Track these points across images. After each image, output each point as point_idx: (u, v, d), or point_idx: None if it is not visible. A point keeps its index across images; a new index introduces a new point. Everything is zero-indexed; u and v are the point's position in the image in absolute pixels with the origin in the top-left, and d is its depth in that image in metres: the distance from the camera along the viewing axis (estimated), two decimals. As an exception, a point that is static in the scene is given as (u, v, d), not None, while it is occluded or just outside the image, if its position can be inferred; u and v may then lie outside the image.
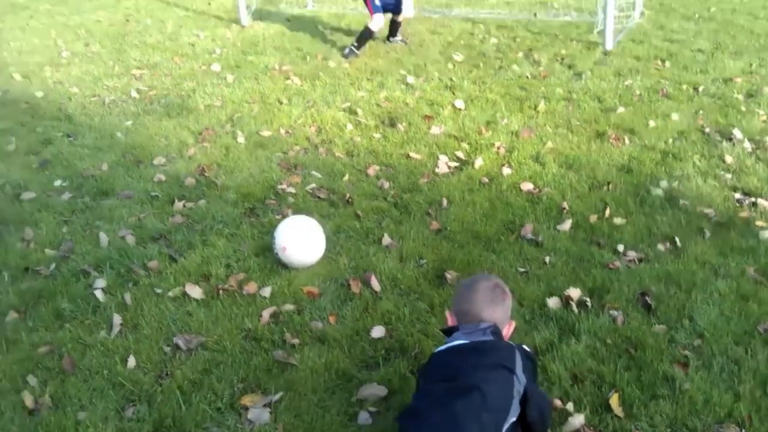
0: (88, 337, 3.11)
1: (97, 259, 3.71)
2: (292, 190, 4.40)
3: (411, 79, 6.47)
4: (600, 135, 5.05)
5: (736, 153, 4.64)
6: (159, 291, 3.41)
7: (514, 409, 2.07)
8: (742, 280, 3.31)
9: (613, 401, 2.60)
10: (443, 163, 4.67)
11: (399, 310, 3.19)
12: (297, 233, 3.56)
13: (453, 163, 4.68)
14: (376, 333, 3.05)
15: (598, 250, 3.63)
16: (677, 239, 3.66)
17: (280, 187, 4.43)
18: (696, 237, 3.71)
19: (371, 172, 4.62)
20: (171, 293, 3.38)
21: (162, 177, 4.65)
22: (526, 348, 2.39)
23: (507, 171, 4.52)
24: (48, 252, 3.81)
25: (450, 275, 3.41)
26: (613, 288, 3.29)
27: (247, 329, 3.11)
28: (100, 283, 3.48)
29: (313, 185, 4.45)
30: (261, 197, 4.33)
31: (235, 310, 3.24)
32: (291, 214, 3.99)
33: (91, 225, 4.09)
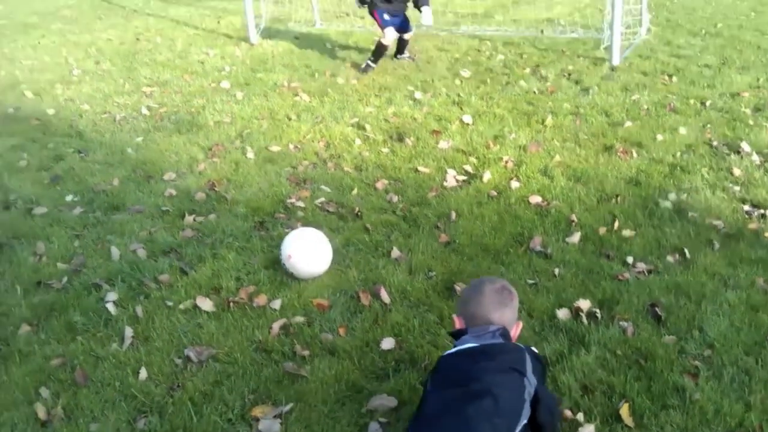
0: (100, 349, 3.13)
1: (109, 273, 3.74)
2: (301, 204, 4.43)
3: (419, 94, 6.51)
4: (608, 149, 5.06)
5: (745, 166, 4.65)
6: (170, 304, 3.43)
7: (526, 411, 2.07)
8: (751, 291, 3.31)
9: (624, 411, 2.60)
10: (451, 176, 4.69)
11: (409, 322, 3.20)
12: (303, 243, 3.59)
13: (461, 177, 4.70)
14: (386, 345, 3.06)
15: (608, 262, 3.63)
16: (686, 251, 3.67)
17: (289, 201, 4.46)
18: (705, 248, 3.71)
19: (380, 186, 4.65)
20: (182, 306, 3.40)
21: (172, 192, 4.69)
22: (534, 350, 2.39)
23: (515, 184, 4.54)
24: (60, 266, 3.84)
25: (459, 287, 3.42)
26: (622, 299, 3.29)
27: (257, 341, 3.13)
28: (112, 296, 3.51)
29: (322, 199, 4.48)
30: (270, 211, 4.35)
31: (246, 323, 3.25)
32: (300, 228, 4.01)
33: (103, 239, 4.12)
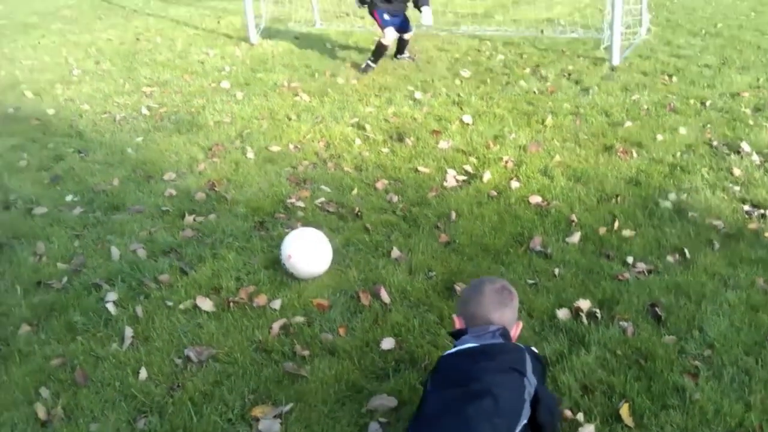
0: (100, 349, 3.13)
1: (109, 273, 3.74)
2: (301, 204, 4.43)
3: (419, 94, 6.51)
4: (608, 149, 5.06)
5: (745, 166, 4.65)
6: (170, 304, 3.43)
7: (526, 411, 2.07)
8: (752, 291, 3.31)
9: (624, 411, 2.60)
10: (451, 176, 4.69)
11: (409, 322, 3.20)
12: (303, 243, 3.60)
13: (461, 177, 4.70)
14: (386, 345, 3.06)
15: (608, 262, 3.63)
16: (686, 251, 3.67)
17: (289, 201, 4.46)
18: (705, 248, 3.71)
19: (380, 186, 4.65)
20: (182, 306, 3.40)
21: (172, 192, 4.69)
22: (534, 350, 2.39)
23: (515, 184, 4.54)
24: (60, 266, 3.84)
25: (459, 287, 3.42)
26: (622, 299, 3.29)
27: (257, 341, 3.13)
28: (112, 296, 3.51)
29: (322, 199, 4.48)
30: (270, 211, 4.35)
31: (246, 323, 3.25)
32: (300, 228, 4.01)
33: (103, 239, 4.12)
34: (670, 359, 2.86)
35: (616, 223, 3.98)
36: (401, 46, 7.74)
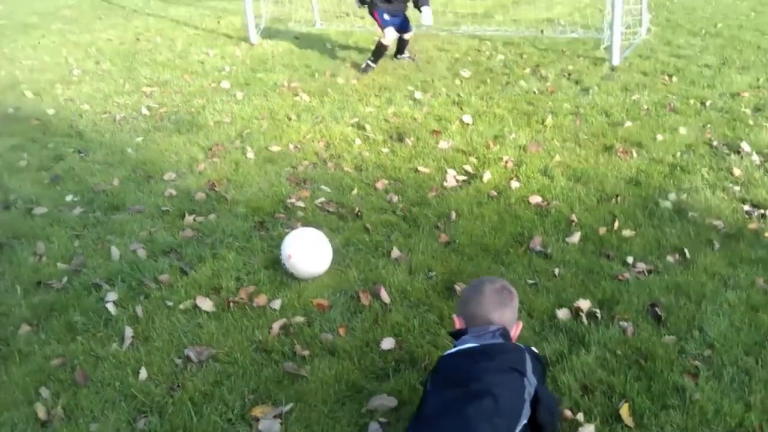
0: (100, 349, 3.13)
1: (109, 273, 3.74)
2: (301, 204, 4.43)
3: (419, 94, 6.51)
4: (608, 149, 5.06)
5: (745, 166, 4.65)
6: (170, 304, 3.43)
7: (526, 411, 2.07)
8: (752, 291, 3.31)
9: (624, 411, 2.60)
10: (451, 176, 4.69)
11: (409, 322, 3.20)
12: (303, 243, 3.60)
13: (461, 177, 4.70)
14: (386, 344, 3.06)
15: (608, 262, 3.63)
16: (686, 251, 3.67)
17: (289, 201, 4.46)
18: (705, 248, 3.71)
19: (380, 186, 4.65)
20: (182, 306, 3.40)
21: (172, 192, 4.69)
22: (534, 350, 2.39)
23: (515, 184, 4.54)
24: (60, 266, 3.84)
25: (459, 287, 3.42)
26: (622, 299, 3.29)
27: (257, 341, 3.13)
28: (112, 296, 3.51)
29: (322, 199, 4.48)
30: (270, 211, 4.35)
31: (246, 323, 3.25)
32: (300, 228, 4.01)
33: (103, 239, 4.12)
34: (670, 359, 2.86)
35: (616, 223, 3.98)
36: (401, 46, 7.74)
